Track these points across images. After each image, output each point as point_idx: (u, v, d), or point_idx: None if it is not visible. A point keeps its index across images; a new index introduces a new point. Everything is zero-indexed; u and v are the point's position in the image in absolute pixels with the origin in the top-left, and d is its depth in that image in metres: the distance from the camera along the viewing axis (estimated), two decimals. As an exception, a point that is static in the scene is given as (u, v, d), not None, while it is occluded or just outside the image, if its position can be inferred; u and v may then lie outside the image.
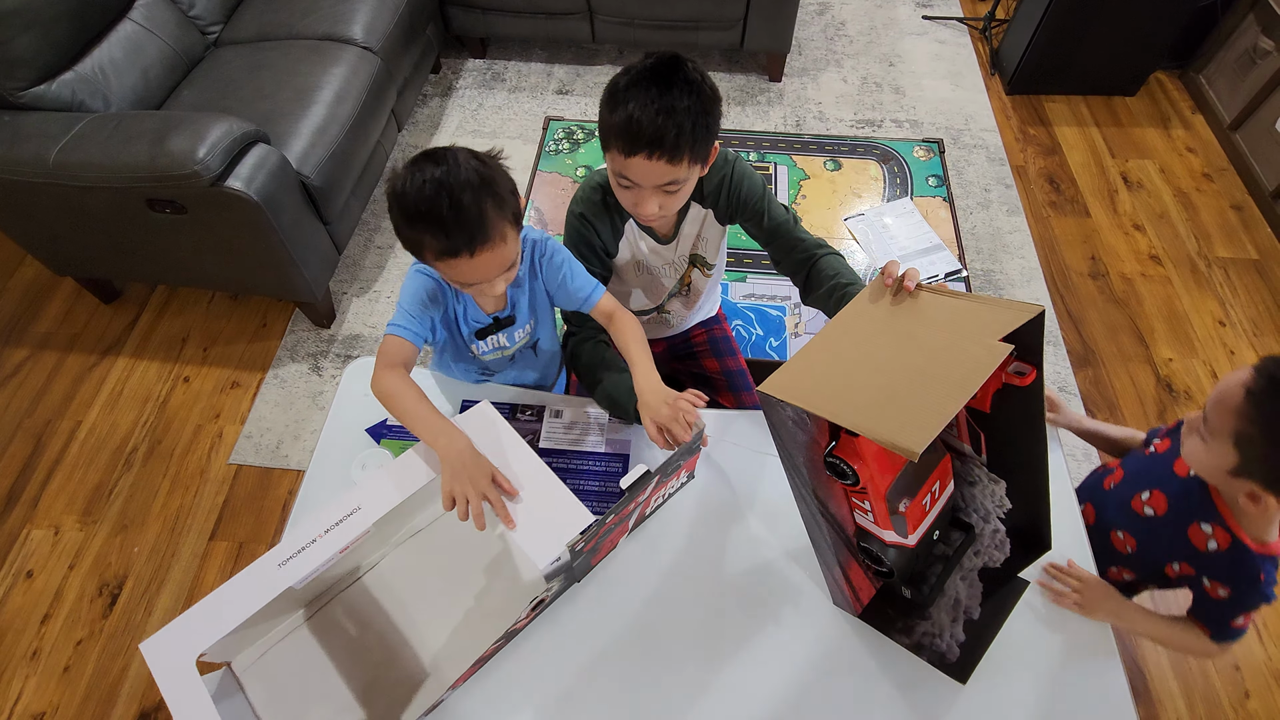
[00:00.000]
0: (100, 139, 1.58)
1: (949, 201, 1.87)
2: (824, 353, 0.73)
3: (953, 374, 0.63)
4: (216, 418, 1.89)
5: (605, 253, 1.13)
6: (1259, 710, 1.46)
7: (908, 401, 0.62)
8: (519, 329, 1.09)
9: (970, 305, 0.71)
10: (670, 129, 0.86)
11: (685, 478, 1.00)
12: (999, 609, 0.89)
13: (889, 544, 0.82)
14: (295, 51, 2.04)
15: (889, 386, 0.65)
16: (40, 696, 1.48)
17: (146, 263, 1.89)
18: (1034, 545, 0.89)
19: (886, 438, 0.58)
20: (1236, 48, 2.47)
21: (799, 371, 0.71)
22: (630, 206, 0.99)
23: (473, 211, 0.82)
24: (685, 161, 0.90)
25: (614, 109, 0.89)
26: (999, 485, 0.85)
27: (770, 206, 1.12)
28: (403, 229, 0.86)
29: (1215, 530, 0.85)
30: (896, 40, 2.91)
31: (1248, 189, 2.38)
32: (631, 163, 0.89)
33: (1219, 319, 2.07)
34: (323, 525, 0.79)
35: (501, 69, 2.81)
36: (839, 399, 0.65)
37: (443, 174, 0.81)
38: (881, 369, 0.68)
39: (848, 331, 0.76)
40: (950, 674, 0.85)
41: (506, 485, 0.84)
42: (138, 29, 1.94)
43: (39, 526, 1.71)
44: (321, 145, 1.85)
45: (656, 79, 0.87)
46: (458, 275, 0.88)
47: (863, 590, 0.89)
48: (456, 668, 0.84)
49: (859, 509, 0.79)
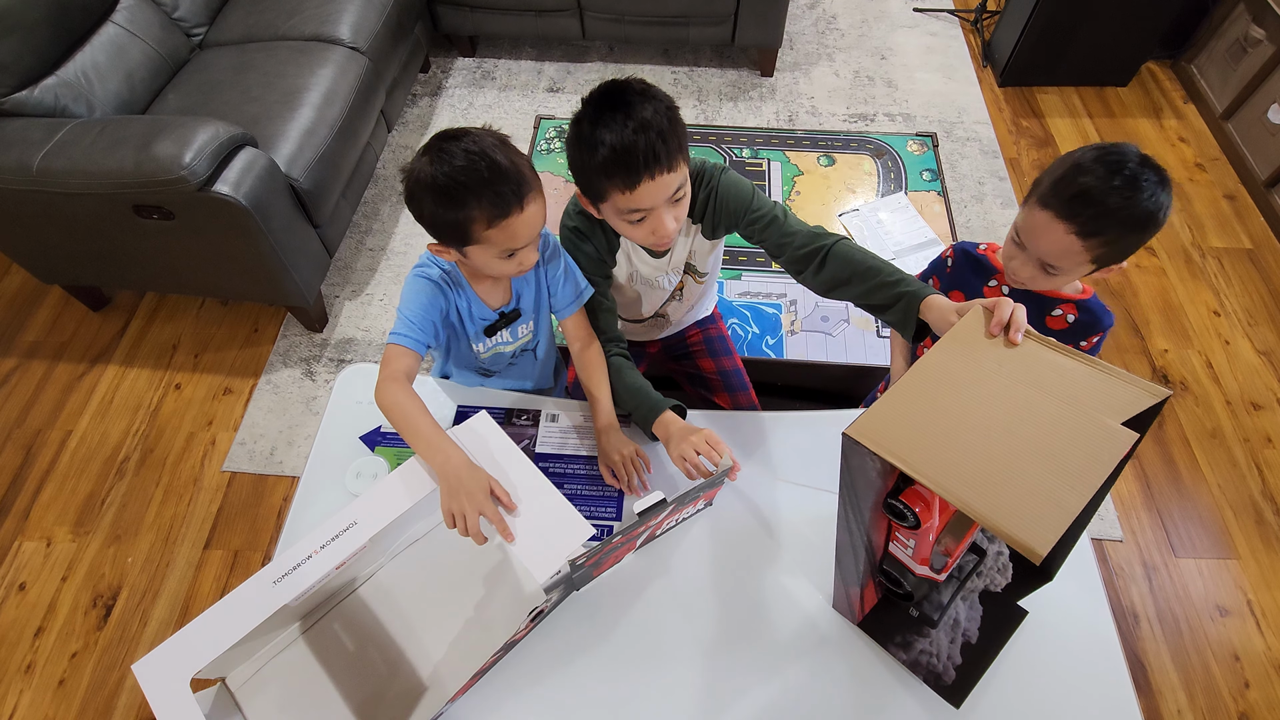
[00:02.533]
0: (84, 145, 1.55)
1: (943, 196, 1.87)
2: (919, 400, 0.66)
3: (1073, 457, 0.58)
4: (209, 425, 1.87)
5: (604, 263, 1.13)
6: (1259, 700, 1.46)
7: (1023, 484, 0.57)
8: (523, 324, 1.09)
9: (1086, 370, 0.65)
10: (657, 140, 0.85)
11: (703, 505, 0.99)
12: (997, 635, 0.88)
13: (920, 576, 0.79)
14: (282, 53, 2.02)
15: (1001, 459, 0.60)
16: (35, 711, 1.47)
17: (135, 269, 1.86)
18: (1036, 573, 0.87)
19: (1008, 532, 0.54)
20: (1228, 37, 2.47)
21: (890, 418, 0.64)
22: (648, 236, 0.96)
23: (510, 167, 0.84)
24: (680, 163, 0.90)
25: (593, 152, 0.87)
26: None
27: (759, 209, 1.07)
28: (444, 213, 0.85)
29: (1063, 308, 1.04)
30: (888, 33, 2.90)
31: (1240, 179, 2.38)
32: (640, 191, 0.88)
33: (1213, 309, 2.07)
34: (318, 541, 0.78)
35: (491, 67, 2.78)
36: (943, 464, 0.59)
37: (468, 144, 0.84)
38: (989, 434, 0.62)
39: (944, 377, 0.68)
40: (945, 696, 0.84)
41: (505, 498, 0.83)
42: (121, 32, 1.91)
43: (30, 538, 1.69)
44: (310, 148, 1.82)
45: (612, 106, 0.86)
46: (511, 236, 0.87)
47: (866, 600, 0.89)
48: (456, 679, 0.83)
49: (900, 543, 0.76)
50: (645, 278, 1.17)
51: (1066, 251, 0.90)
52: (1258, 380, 1.92)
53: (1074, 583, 0.93)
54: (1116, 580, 1.61)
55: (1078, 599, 0.92)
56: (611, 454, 1.03)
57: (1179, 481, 1.76)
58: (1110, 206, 0.85)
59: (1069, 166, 0.89)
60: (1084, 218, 0.86)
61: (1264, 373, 1.94)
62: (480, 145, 0.84)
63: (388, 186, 2.38)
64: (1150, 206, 0.85)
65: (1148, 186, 0.85)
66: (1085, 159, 0.88)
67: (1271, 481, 1.75)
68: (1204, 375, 1.94)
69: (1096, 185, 0.86)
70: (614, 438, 1.04)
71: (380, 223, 2.29)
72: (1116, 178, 0.85)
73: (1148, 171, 0.86)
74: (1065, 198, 0.87)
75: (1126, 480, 1.76)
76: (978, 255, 1.10)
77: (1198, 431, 1.84)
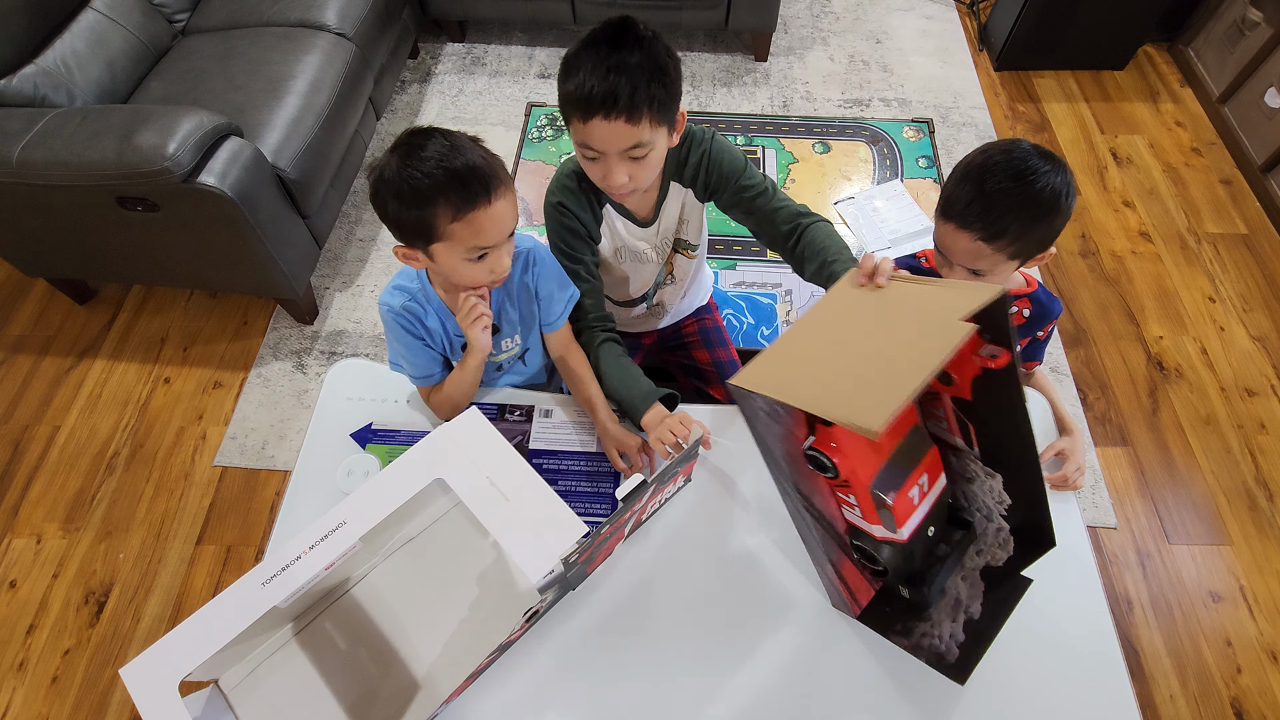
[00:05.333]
0: (65, 135, 1.52)
1: (939, 183, 1.85)
2: (794, 344, 0.74)
3: (914, 355, 0.63)
4: (199, 419, 1.85)
5: (590, 237, 1.11)
6: (1250, 685, 1.47)
7: (870, 383, 0.62)
8: (505, 338, 1.07)
9: (938, 291, 0.71)
10: (624, 86, 0.84)
11: (683, 482, 0.98)
12: (1000, 608, 0.87)
13: (880, 540, 0.80)
14: (266, 39, 1.98)
15: (853, 371, 0.66)
16: (29, 709, 1.46)
17: (120, 262, 1.83)
18: (1039, 542, 0.87)
19: (846, 418, 0.58)
20: (1225, 19, 2.45)
21: (769, 363, 0.71)
22: (600, 180, 0.97)
23: (480, 162, 0.83)
24: (646, 122, 0.88)
25: (568, 78, 0.88)
26: (995, 480, 0.83)
27: (751, 180, 1.09)
28: (406, 213, 0.83)
29: (1017, 304, 1.06)
30: (883, 16, 2.87)
31: (1236, 163, 2.37)
32: (591, 127, 0.88)
33: (1208, 295, 2.07)
34: (307, 542, 0.77)
35: (481, 53, 2.74)
36: (804, 386, 0.65)
37: (436, 141, 0.82)
38: (848, 357, 0.69)
39: (820, 323, 0.77)
40: (948, 675, 0.84)
41: None
42: (101, 19, 1.87)
43: (20, 535, 1.67)
44: (297, 137, 1.79)
45: (606, 40, 0.86)
46: (479, 232, 0.85)
47: (860, 591, 0.88)
48: (450, 680, 0.82)
49: (845, 504, 0.78)
50: (633, 250, 1.15)
51: (979, 256, 0.90)
52: (1252, 366, 1.92)
53: (1070, 575, 0.93)
54: (1110, 567, 1.62)
55: (1073, 587, 0.93)
56: (616, 450, 1.02)
57: (1173, 468, 1.76)
58: (1003, 207, 0.86)
59: (959, 175, 0.90)
60: (981, 223, 0.87)
61: (1258, 359, 1.94)
62: (451, 140, 0.83)
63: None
64: (1047, 195, 0.86)
65: (1040, 176, 0.85)
66: (973, 164, 0.89)
67: (1265, 468, 1.75)
68: (1199, 361, 1.94)
69: (986, 189, 0.86)
70: (617, 432, 1.03)
71: (370, 213, 2.26)
72: (1000, 177, 0.86)
73: (1034, 159, 0.86)
74: (960, 208, 0.88)
75: (1121, 467, 1.76)
76: (924, 269, 1.10)
77: (1192, 418, 1.84)
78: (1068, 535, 0.95)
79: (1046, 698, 0.85)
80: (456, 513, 0.95)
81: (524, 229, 2.19)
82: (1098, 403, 1.87)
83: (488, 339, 0.95)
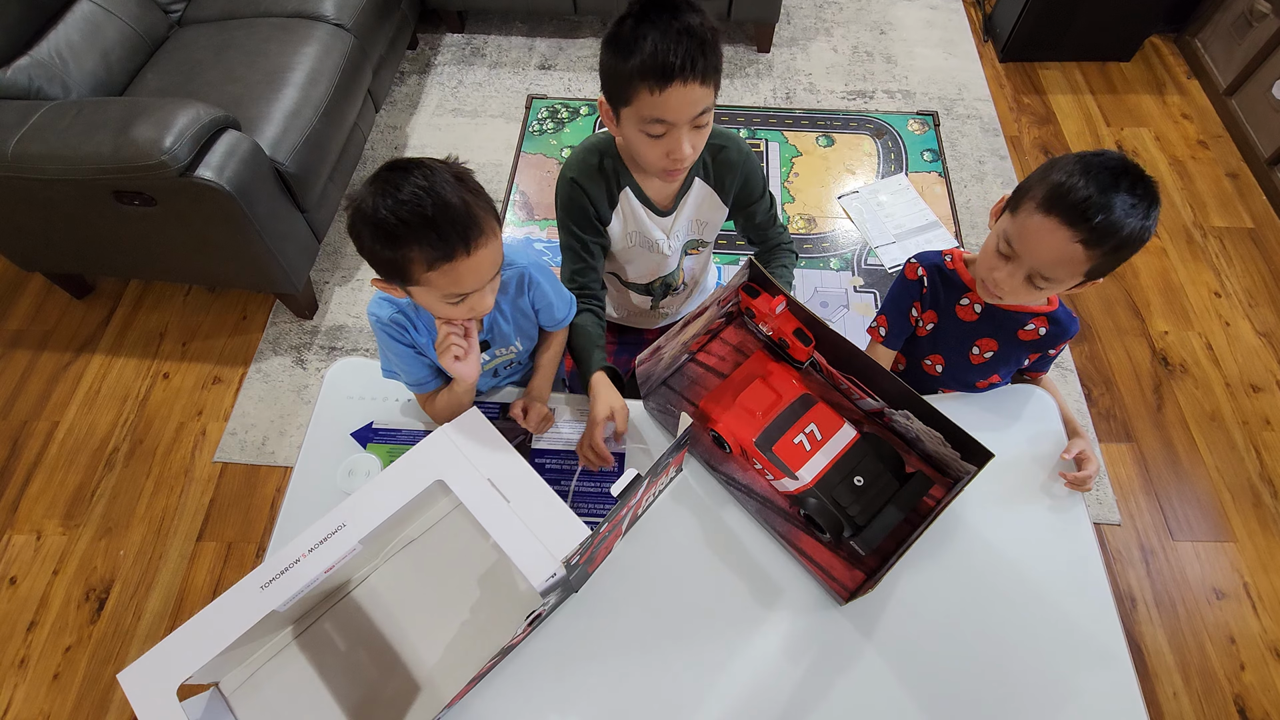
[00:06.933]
0: (60, 128, 1.50)
1: (944, 177, 1.83)
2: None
3: None
4: (199, 415, 1.84)
5: (599, 219, 1.10)
6: (1254, 682, 1.47)
7: None
8: (498, 348, 1.05)
9: None
10: (696, 48, 0.83)
11: (675, 473, 0.97)
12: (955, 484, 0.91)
13: (794, 493, 0.89)
14: (264, 30, 1.95)
15: None
16: (30, 705, 1.46)
17: (118, 257, 1.82)
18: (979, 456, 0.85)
19: None
20: (1232, 10, 2.42)
21: None
22: (662, 158, 0.93)
23: (460, 207, 0.76)
24: (712, 83, 0.87)
25: (629, 53, 0.84)
26: (911, 420, 0.90)
27: (766, 205, 1.18)
28: (381, 251, 0.77)
29: (1035, 322, 1.03)
30: (887, 7, 2.84)
31: (1243, 156, 2.35)
32: (668, 95, 0.84)
33: (1214, 290, 2.06)
34: (307, 544, 0.76)
35: (481, 44, 2.71)
36: None
37: (419, 178, 0.75)
38: None
39: None
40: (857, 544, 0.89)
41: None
42: (96, 9, 1.85)
43: (20, 532, 1.67)
44: (295, 129, 1.77)
45: (660, 7, 0.84)
46: (456, 281, 0.79)
47: (838, 571, 0.90)
48: (452, 684, 0.82)
49: (761, 476, 0.91)
50: (645, 237, 1.14)
51: (1067, 260, 0.85)
52: (1257, 362, 1.91)
53: (1077, 573, 0.92)
54: (1114, 564, 1.61)
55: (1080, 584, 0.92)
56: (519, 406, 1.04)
57: (1177, 465, 1.75)
58: (1117, 214, 0.81)
59: (1077, 168, 0.83)
60: (1091, 225, 0.81)
61: (1264, 354, 1.92)
62: (431, 180, 0.75)
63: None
64: (1150, 224, 0.83)
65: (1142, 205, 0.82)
66: (1092, 161, 0.83)
67: (1270, 464, 1.74)
68: (1204, 357, 1.92)
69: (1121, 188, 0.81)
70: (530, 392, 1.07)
71: (369, 206, 2.24)
72: (1131, 180, 0.82)
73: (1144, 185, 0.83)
74: (1075, 201, 0.82)
75: (1125, 463, 1.75)
76: (948, 271, 1.06)
77: (1197, 414, 1.83)
78: (1074, 532, 0.95)
79: (1051, 695, 0.85)
80: (458, 514, 0.94)
81: (525, 223, 2.17)
82: (1102, 398, 1.86)
83: (465, 369, 0.90)
